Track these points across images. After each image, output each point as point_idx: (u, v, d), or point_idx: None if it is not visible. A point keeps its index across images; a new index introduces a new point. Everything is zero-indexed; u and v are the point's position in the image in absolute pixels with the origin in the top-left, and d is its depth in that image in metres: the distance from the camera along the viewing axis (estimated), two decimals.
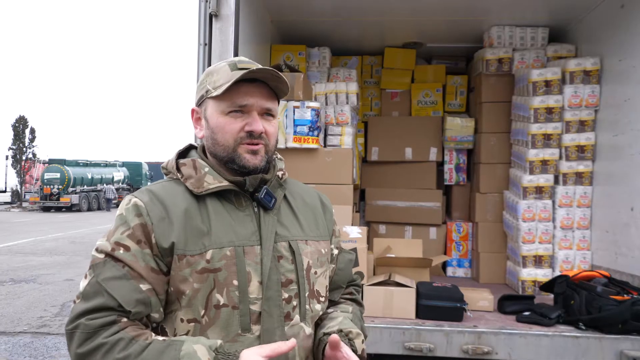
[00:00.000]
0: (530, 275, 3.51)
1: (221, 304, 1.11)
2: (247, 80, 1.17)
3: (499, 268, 3.94)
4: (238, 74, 1.15)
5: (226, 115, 1.18)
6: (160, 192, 1.17)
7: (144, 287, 1.08)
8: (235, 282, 1.11)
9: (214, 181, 1.17)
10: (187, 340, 1.04)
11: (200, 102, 1.25)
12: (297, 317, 1.18)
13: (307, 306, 1.21)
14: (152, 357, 1.00)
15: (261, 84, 1.19)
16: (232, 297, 1.11)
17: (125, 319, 1.05)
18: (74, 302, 1.10)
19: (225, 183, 1.17)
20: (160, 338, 1.06)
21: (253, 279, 1.13)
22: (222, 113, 1.18)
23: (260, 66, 1.19)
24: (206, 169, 1.19)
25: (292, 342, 1.07)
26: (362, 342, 1.26)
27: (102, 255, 1.10)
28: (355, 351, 1.20)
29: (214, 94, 1.17)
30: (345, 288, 1.41)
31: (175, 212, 1.13)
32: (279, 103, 1.29)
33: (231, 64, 1.19)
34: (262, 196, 1.19)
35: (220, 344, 1.05)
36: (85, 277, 1.10)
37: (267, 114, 1.21)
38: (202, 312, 1.10)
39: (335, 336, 1.11)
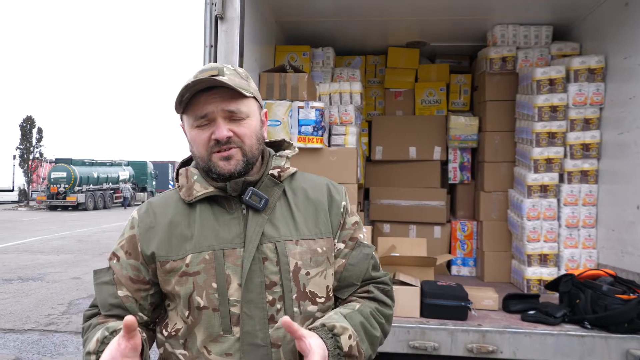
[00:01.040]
0: (535, 274, 3.51)
1: (202, 305, 1.15)
2: (206, 88, 1.16)
3: (503, 267, 3.94)
4: (194, 86, 1.15)
5: (195, 128, 1.19)
6: (157, 202, 1.27)
7: (121, 293, 1.21)
8: (215, 285, 1.14)
9: (201, 188, 1.21)
10: (109, 326, 1.16)
11: (181, 118, 1.27)
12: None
13: (296, 308, 1.17)
14: (89, 338, 1.16)
15: (221, 88, 1.16)
16: (211, 300, 1.14)
17: (104, 315, 1.23)
18: None
19: (210, 189, 1.20)
20: (109, 324, 1.17)
21: (233, 282, 1.15)
22: (191, 127, 1.20)
23: (227, 69, 1.19)
24: (195, 177, 1.23)
25: (129, 319, 0.99)
26: (350, 337, 1.12)
27: (106, 262, 1.28)
28: (340, 347, 1.10)
29: (180, 110, 1.21)
30: (360, 286, 1.28)
31: (162, 220, 1.22)
32: (258, 99, 1.25)
33: (195, 76, 1.19)
34: (248, 198, 1.18)
35: (119, 330, 1.06)
36: None
37: (234, 116, 1.17)
38: (187, 313, 1.17)
39: (284, 318, 1.04)
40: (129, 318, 1.00)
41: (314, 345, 1.04)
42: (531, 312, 2.79)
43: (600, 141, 3.44)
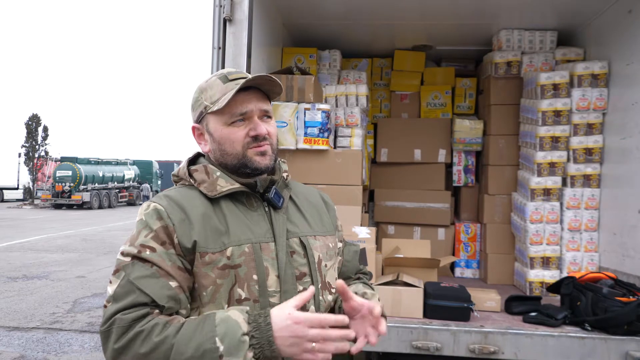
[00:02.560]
0: (537, 277, 3.53)
1: (243, 297, 1.17)
2: (242, 89, 1.24)
3: (506, 269, 3.97)
4: (231, 85, 1.23)
5: (229, 126, 1.25)
6: (177, 196, 1.24)
7: (173, 284, 1.14)
8: (255, 277, 1.19)
9: (226, 184, 1.24)
10: (218, 311, 1.11)
11: (200, 119, 1.30)
12: (312, 308, 1.24)
13: (321, 297, 1.28)
14: (189, 333, 1.05)
15: (254, 89, 1.27)
16: (252, 291, 1.18)
17: (157, 311, 1.11)
18: (105, 307, 1.13)
19: (237, 185, 1.25)
20: (192, 317, 1.12)
21: (271, 274, 1.21)
22: (225, 125, 1.25)
23: (248, 74, 1.29)
24: (218, 174, 1.26)
25: (312, 289, 1.10)
26: (379, 300, 1.34)
27: (128, 259, 1.15)
28: None
29: (214, 108, 1.24)
30: (353, 279, 1.50)
31: (194, 213, 1.20)
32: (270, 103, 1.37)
33: (222, 77, 1.27)
34: (272, 196, 1.27)
35: (250, 309, 1.12)
36: (112, 283, 1.14)
37: (266, 116, 1.29)
38: (226, 306, 1.17)
39: (339, 281, 1.15)
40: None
41: (366, 302, 1.21)
42: (533, 313, 2.82)
43: (602, 146, 3.47)
